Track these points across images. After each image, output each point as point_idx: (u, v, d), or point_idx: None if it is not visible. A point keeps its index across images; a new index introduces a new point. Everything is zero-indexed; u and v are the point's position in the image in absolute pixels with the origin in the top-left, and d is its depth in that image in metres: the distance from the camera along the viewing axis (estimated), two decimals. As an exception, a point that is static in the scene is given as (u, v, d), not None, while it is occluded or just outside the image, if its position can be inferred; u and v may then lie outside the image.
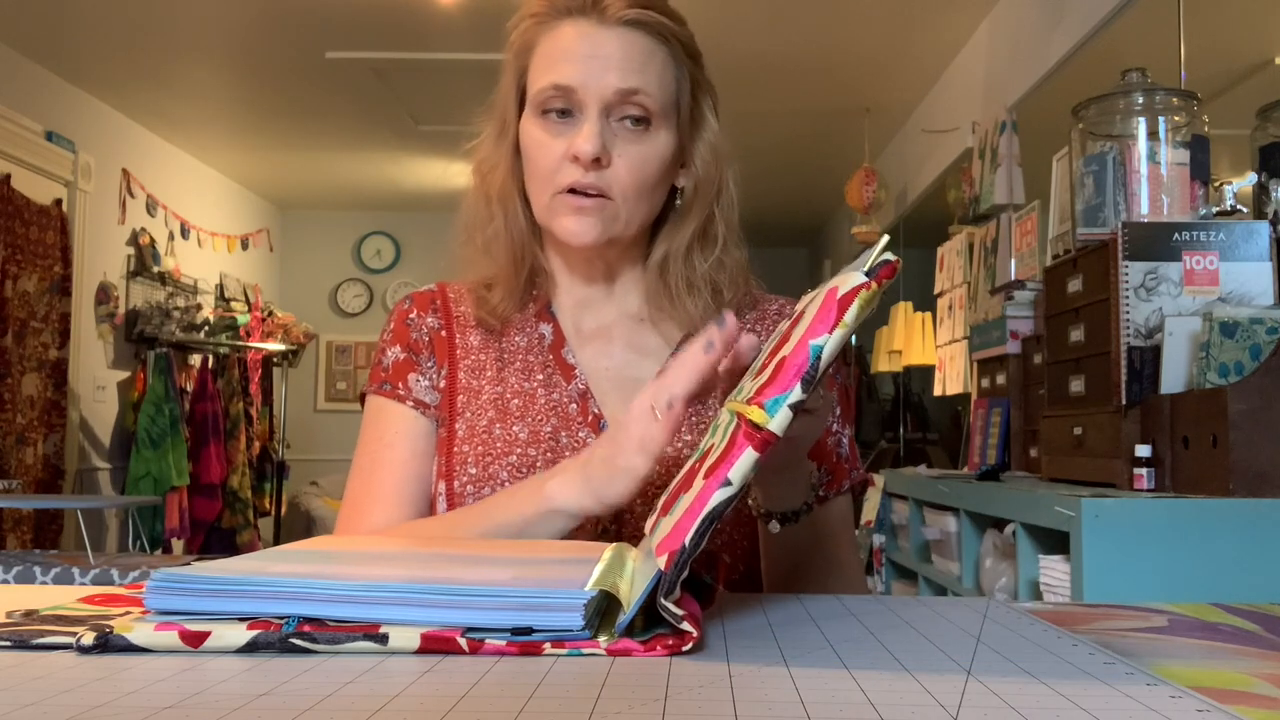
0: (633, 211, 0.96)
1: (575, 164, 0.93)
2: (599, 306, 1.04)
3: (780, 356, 0.57)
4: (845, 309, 0.54)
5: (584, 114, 0.93)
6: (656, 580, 0.54)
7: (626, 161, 0.94)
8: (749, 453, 0.54)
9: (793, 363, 0.55)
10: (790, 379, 0.54)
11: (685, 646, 0.53)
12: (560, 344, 1.02)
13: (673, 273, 1.01)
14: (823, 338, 0.54)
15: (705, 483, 0.55)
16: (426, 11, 3.86)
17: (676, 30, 0.97)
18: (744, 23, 3.92)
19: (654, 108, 0.94)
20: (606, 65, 0.93)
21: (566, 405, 0.99)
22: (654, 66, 0.95)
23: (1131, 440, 1.89)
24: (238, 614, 0.55)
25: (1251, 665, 0.52)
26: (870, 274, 0.55)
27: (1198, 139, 2.10)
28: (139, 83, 4.74)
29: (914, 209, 4.88)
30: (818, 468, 1.02)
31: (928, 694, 0.46)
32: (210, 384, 5.57)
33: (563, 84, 0.93)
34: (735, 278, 1.03)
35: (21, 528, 4.31)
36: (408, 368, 1.02)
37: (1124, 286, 1.91)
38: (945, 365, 3.89)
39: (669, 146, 0.97)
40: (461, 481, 0.97)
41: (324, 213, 7.37)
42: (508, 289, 1.02)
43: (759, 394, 0.56)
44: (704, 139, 1.01)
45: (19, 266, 4.31)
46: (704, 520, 0.54)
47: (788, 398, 0.54)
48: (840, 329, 0.54)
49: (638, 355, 1.02)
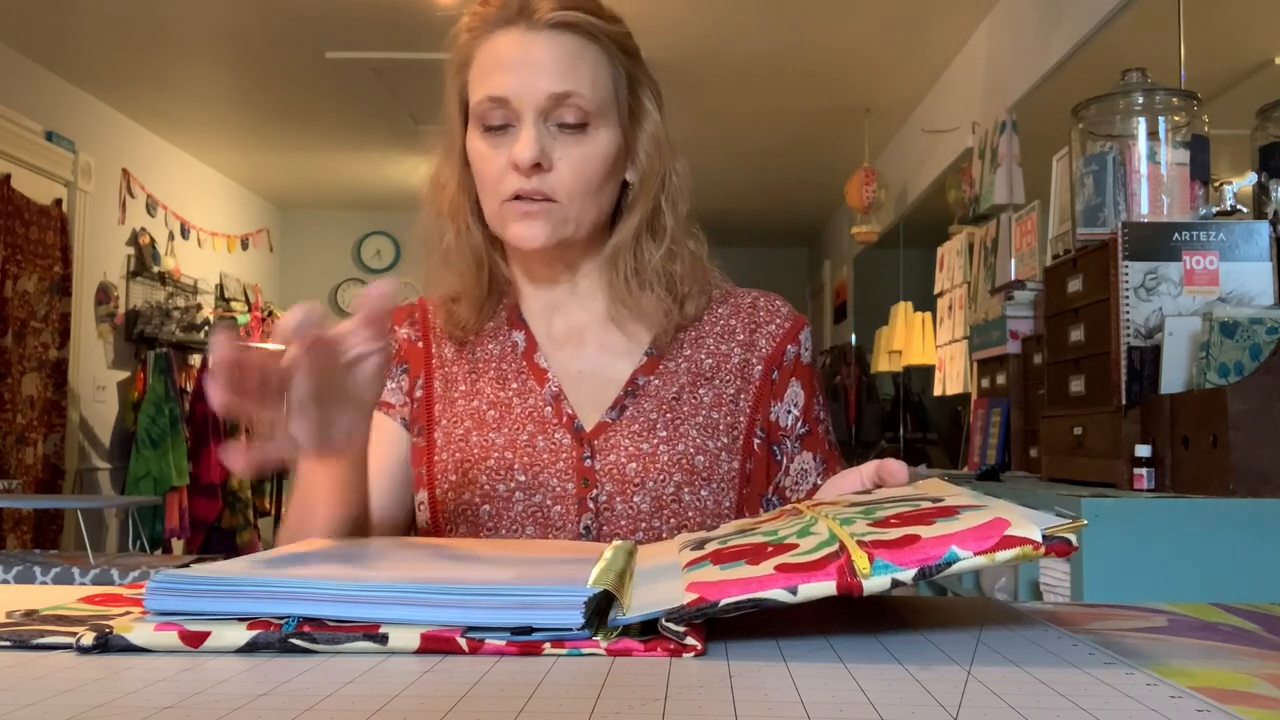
0: (581, 212, 0.97)
1: (517, 172, 0.94)
2: (567, 309, 1.05)
3: (915, 533, 0.56)
4: (1002, 549, 0.53)
5: (520, 121, 0.94)
6: (673, 608, 0.54)
7: (568, 164, 0.95)
8: (829, 585, 0.53)
9: (925, 549, 0.54)
10: (912, 560, 0.53)
11: (687, 654, 0.53)
12: (533, 349, 1.03)
13: (623, 266, 1.01)
14: (966, 553, 0.53)
15: (775, 574, 0.55)
16: (426, 11, 3.86)
17: (607, 28, 0.97)
18: (744, 23, 3.92)
19: (589, 108, 0.95)
20: (537, 71, 0.94)
21: (542, 409, 1.00)
22: (585, 67, 0.95)
23: (1131, 440, 1.89)
24: (237, 614, 0.55)
25: (1251, 665, 0.52)
26: (1046, 540, 0.54)
27: (1198, 139, 2.10)
28: (139, 83, 4.74)
29: (914, 209, 4.88)
30: (813, 456, 1.02)
31: (928, 694, 0.46)
32: (210, 384, 5.56)
33: (496, 95, 0.94)
34: (692, 269, 1.03)
35: (21, 528, 4.31)
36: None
37: (1124, 286, 1.91)
38: (945, 365, 3.89)
39: (611, 144, 0.97)
40: (443, 489, 0.98)
41: (324, 213, 7.37)
42: (470, 302, 1.03)
43: (876, 547, 0.55)
44: (645, 131, 1.02)
45: (19, 266, 4.31)
46: (749, 600, 0.53)
47: (898, 572, 0.53)
48: (985, 558, 0.53)
49: (609, 356, 1.03)
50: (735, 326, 1.05)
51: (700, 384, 1.01)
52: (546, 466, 0.96)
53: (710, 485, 0.97)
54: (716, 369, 1.02)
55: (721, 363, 1.03)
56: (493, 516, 0.96)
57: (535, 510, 0.96)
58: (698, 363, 1.02)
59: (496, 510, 0.96)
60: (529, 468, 0.96)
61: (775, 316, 1.06)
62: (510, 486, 0.96)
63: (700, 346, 1.03)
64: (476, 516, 0.96)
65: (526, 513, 0.96)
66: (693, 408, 1.00)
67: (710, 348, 1.03)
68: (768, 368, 1.03)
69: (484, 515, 0.96)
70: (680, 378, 1.01)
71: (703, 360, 1.03)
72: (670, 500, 0.95)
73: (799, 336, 1.05)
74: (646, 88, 1.03)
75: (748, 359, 1.03)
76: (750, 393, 1.02)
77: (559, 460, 0.97)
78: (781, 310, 1.07)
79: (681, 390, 1.00)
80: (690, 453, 0.97)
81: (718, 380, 1.02)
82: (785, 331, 1.05)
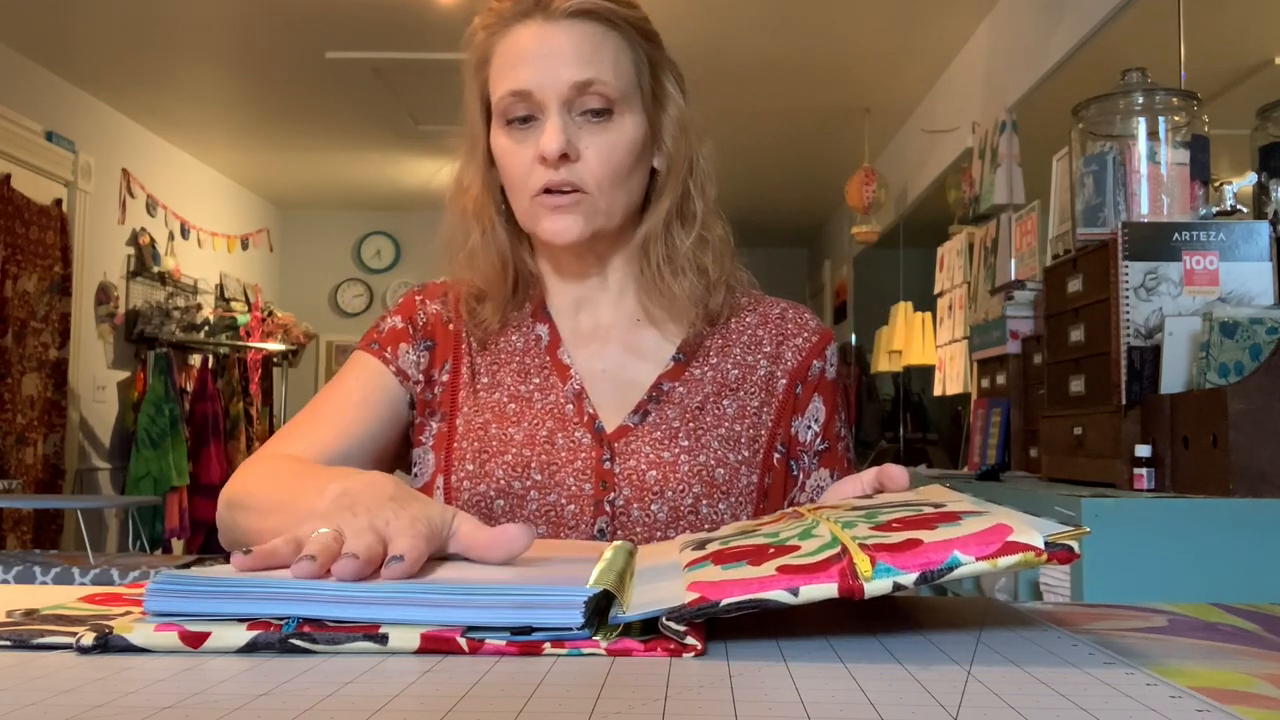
0: (611, 201, 0.96)
1: (545, 165, 0.93)
2: (595, 305, 1.04)
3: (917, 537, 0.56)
4: (1005, 554, 0.53)
5: (545, 114, 0.93)
6: (674, 607, 0.54)
7: (595, 152, 0.94)
8: (831, 587, 0.53)
9: (927, 553, 0.54)
10: (914, 564, 0.53)
11: (687, 654, 0.53)
12: (556, 345, 1.02)
13: (654, 254, 1.00)
14: (969, 558, 0.53)
15: (776, 575, 0.54)
16: (426, 11, 3.86)
17: (625, 14, 0.96)
18: (744, 23, 3.92)
19: (613, 95, 0.94)
20: (558, 61, 0.93)
21: (563, 406, 0.99)
22: (607, 54, 0.94)
23: (1131, 440, 1.89)
24: (237, 615, 0.55)
25: (1251, 665, 0.52)
26: (1049, 547, 0.54)
27: (1198, 139, 2.10)
28: (139, 83, 4.74)
29: (914, 209, 4.88)
30: (830, 474, 1.02)
31: (928, 694, 0.46)
32: (210, 384, 5.57)
33: (519, 89, 0.93)
34: (720, 255, 1.02)
35: (21, 528, 4.31)
36: (402, 337, 1.03)
37: (1124, 286, 1.91)
38: (945, 365, 3.89)
39: (636, 130, 0.96)
40: (459, 476, 0.97)
41: (324, 213, 7.37)
42: (496, 302, 1.02)
43: (879, 550, 0.55)
44: (670, 116, 1.01)
45: (19, 266, 4.31)
46: (751, 601, 0.53)
47: (899, 575, 0.53)
48: (987, 563, 0.53)
49: (634, 357, 1.02)
50: (762, 337, 1.04)
51: (725, 395, 1.00)
52: (564, 465, 0.96)
53: (729, 499, 0.96)
54: (742, 380, 1.01)
55: (747, 374, 1.02)
56: (506, 512, 0.95)
57: (549, 509, 0.95)
58: (724, 372, 1.01)
59: (510, 506, 0.95)
60: (546, 466, 0.96)
61: (803, 329, 1.05)
62: (526, 485, 0.95)
63: (727, 356, 1.02)
64: (490, 510, 0.95)
65: (540, 511, 0.95)
66: (716, 418, 0.99)
67: (737, 357, 1.02)
68: (792, 381, 1.02)
69: (498, 509, 0.95)
70: (705, 386, 1.00)
71: (729, 370, 1.02)
72: (688, 511, 0.94)
73: (825, 352, 1.05)
74: (668, 72, 1.02)
75: (773, 371, 1.02)
76: (773, 406, 1.01)
77: (577, 459, 0.96)
78: (810, 324, 1.06)
79: (706, 400, 0.99)
80: (711, 465, 0.96)
81: (742, 392, 1.01)
82: (812, 346, 1.04)
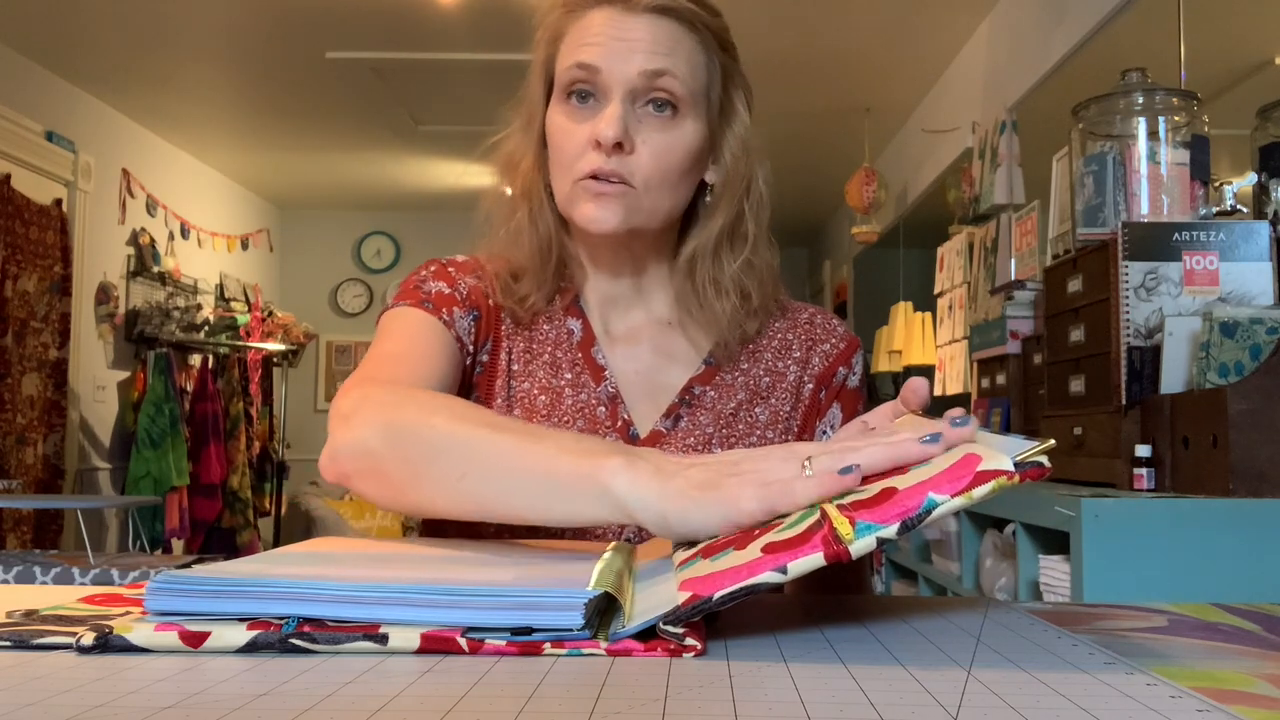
0: (656, 201, 0.92)
1: (597, 150, 0.90)
2: (627, 307, 1.01)
3: (891, 485, 0.56)
4: (977, 485, 0.53)
5: (608, 98, 0.91)
6: (668, 611, 0.54)
7: (651, 149, 0.91)
8: (817, 557, 0.53)
9: (902, 501, 0.54)
10: (892, 515, 0.53)
11: (687, 654, 0.53)
12: (590, 342, 0.99)
13: (700, 272, 0.97)
14: (944, 497, 0.53)
15: (762, 556, 0.54)
16: (426, 11, 3.86)
17: (708, 20, 0.94)
18: (744, 23, 3.89)
19: (681, 93, 0.91)
20: (632, 48, 0.90)
21: (595, 408, 0.96)
22: (682, 52, 0.92)
23: (1131, 440, 1.89)
24: (238, 615, 0.55)
25: (1251, 665, 0.52)
26: (1018, 467, 0.54)
27: (1198, 139, 2.10)
28: (139, 83, 4.74)
29: (914, 209, 4.88)
30: None
31: (928, 694, 0.46)
32: (210, 384, 5.57)
33: (587, 62, 0.90)
34: (764, 281, 1.00)
35: (21, 528, 4.31)
36: (452, 301, 0.96)
37: (1124, 286, 1.91)
38: (945, 365, 3.89)
39: (697, 137, 0.93)
40: None
41: (324, 213, 7.37)
42: (535, 281, 0.98)
43: (856, 509, 0.54)
44: (734, 132, 0.98)
45: (19, 266, 4.31)
46: (743, 589, 0.53)
47: (880, 530, 0.53)
48: (962, 498, 0.53)
49: (666, 360, 1.00)
50: (792, 343, 1.03)
51: (756, 401, 0.99)
52: None
53: None
54: (773, 387, 1.00)
55: (777, 381, 1.01)
56: None
57: None
58: (755, 378, 1.00)
59: None
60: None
61: (831, 335, 1.04)
62: None
63: (758, 361, 1.01)
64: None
65: None
66: (748, 425, 0.98)
67: (768, 364, 1.01)
68: (817, 386, 1.02)
69: None
70: (738, 393, 0.99)
71: (760, 377, 1.00)
72: None
73: (851, 360, 1.04)
74: (740, 88, 0.99)
75: (801, 377, 1.01)
76: (800, 411, 1.01)
77: None
78: (838, 330, 1.05)
79: (739, 406, 0.98)
80: None
81: (773, 399, 1.00)
82: (840, 353, 1.03)
